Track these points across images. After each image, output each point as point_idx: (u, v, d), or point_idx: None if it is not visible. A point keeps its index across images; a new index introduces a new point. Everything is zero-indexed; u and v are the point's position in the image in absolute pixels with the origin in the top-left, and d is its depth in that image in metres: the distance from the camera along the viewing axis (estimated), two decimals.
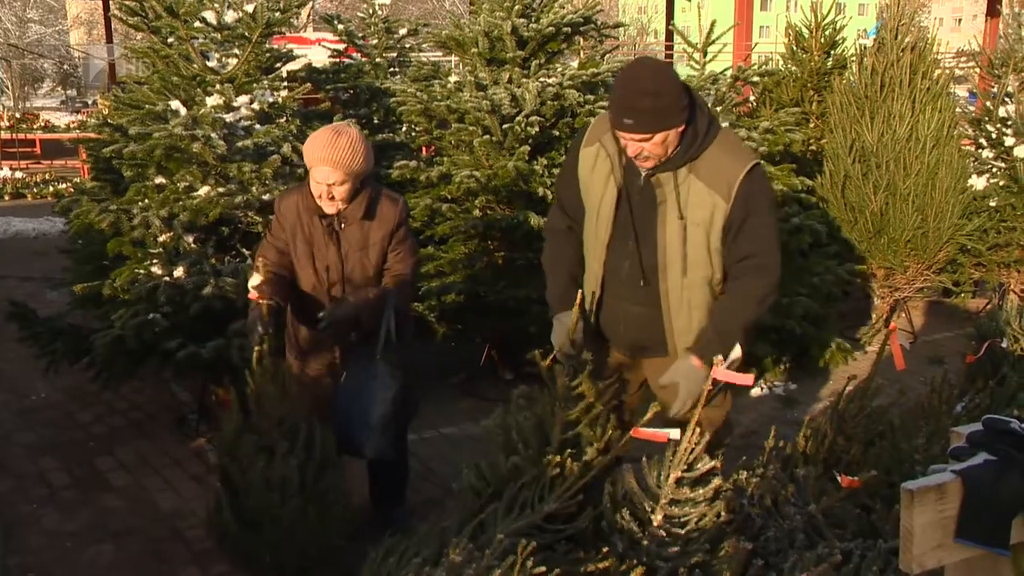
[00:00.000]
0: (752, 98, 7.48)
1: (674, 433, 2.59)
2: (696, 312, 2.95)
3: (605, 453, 2.59)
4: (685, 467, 2.60)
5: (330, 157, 3.18)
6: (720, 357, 2.84)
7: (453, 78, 5.44)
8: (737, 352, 2.93)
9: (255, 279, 3.28)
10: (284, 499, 3.16)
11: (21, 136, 17.03)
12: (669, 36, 20.35)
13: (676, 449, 2.60)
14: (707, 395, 2.76)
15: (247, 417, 3.27)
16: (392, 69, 6.79)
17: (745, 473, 2.87)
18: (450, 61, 9.32)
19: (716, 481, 2.63)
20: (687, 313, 2.95)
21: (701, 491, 2.60)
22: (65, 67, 39.45)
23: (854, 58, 6.73)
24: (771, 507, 2.73)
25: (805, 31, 7.36)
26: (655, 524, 2.58)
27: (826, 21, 7.23)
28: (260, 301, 3.23)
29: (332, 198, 3.25)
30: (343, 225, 3.34)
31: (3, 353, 5.88)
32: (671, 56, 20.92)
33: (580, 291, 2.97)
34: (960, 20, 76.11)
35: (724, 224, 2.85)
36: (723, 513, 2.60)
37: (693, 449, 2.60)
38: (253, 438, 3.20)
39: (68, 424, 4.95)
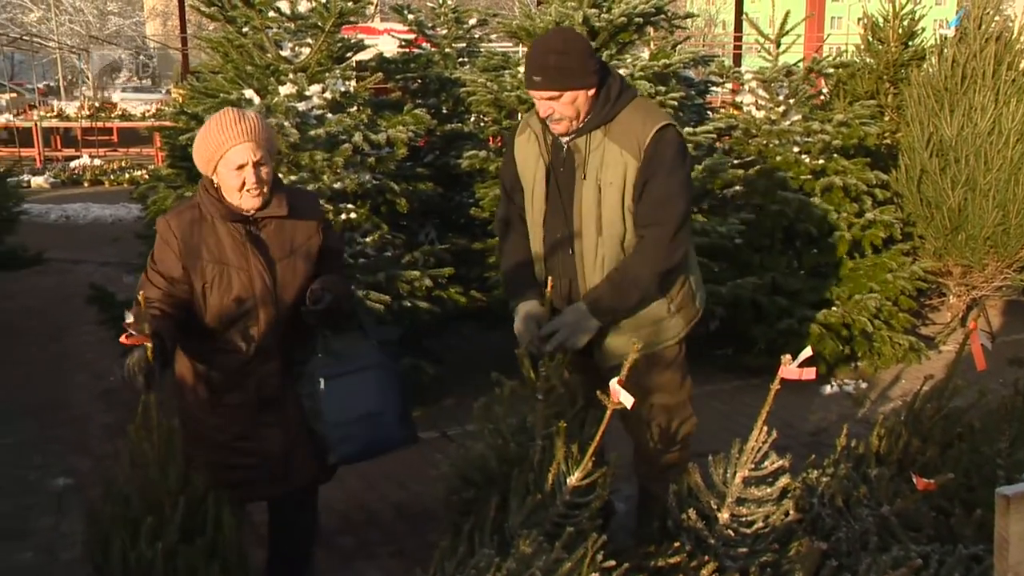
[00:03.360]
0: (825, 90, 7.33)
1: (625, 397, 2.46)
2: (608, 270, 2.98)
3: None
4: (752, 465, 2.56)
5: (245, 131, 2.64)
6: (788, 356, 2.79)
7: (523, 68, 5.42)
8: (804, 352, 2.84)
9: (129, 317, 2.50)
10: None
11: (99, 124, 17.49)
12: (738, 27, 20.05)
13: (743, 447, 2.56)
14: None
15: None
16: (461, 59, 6.79)
17: (815, 472, 2.82)
18: (518, 51, 9.30)
19: (784, 480, 2.59)
20: (600, 272, 2.99)
21: (768, 489, 2.56)
22: (141, 57, 40.42)
23: (933, 49, 6.54)
24: (842, 507, 2.68)
25: (881, 21, 7.18)
26: (721, 522, 2.55)
27: (904, 11, 7.04)
28: (140, 343, 2.46)
29: (261, 181, 2.67)
30: (262, 227, 2.76)
31: (83, 336, 6.06)
32: (739, 48, 20.61)
33: (547, 281, 3.00)
34: None
35: (635, 183, 2.91)
36: (791, 512, 2.56)
37: (760, 447, 2.56)
38: (116, 510, 2.45)
39: None
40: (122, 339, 2.45)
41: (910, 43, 7.11)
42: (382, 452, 3.02)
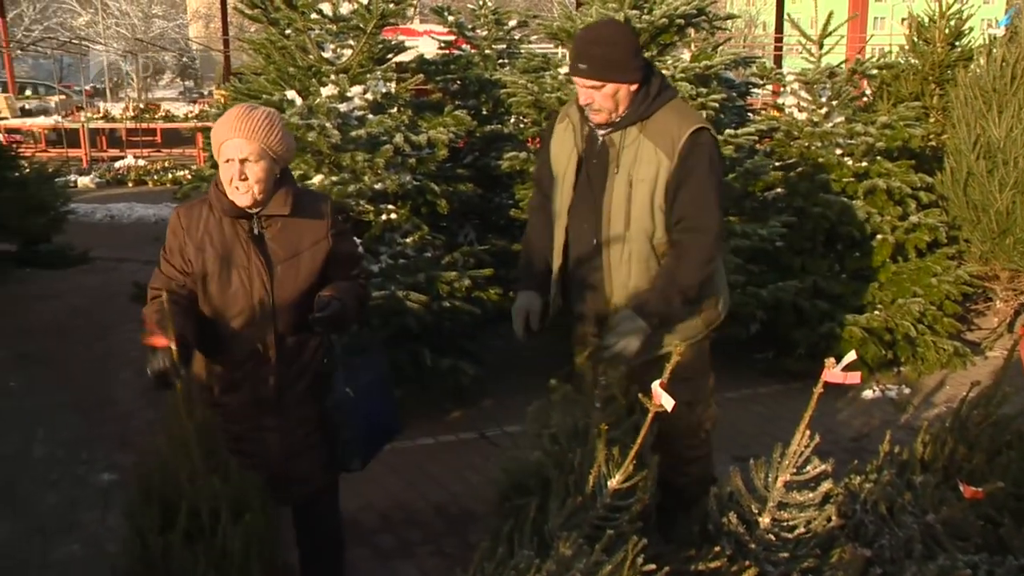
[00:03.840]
0: (868, 92, 7.24)
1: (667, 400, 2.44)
2: (636, 267, 2.99)
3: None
4: (794, 470, 2.54)
5: (242, 127, 2.61)
6: (832, 360, 2.75)
7: (564, 69, 5.42)
8: (848, 356, 2.81)
9: (151, 316, 2.56)
10: None
11: (144, 125, 17.75)
12: (779, 28, 19.87)
13: (785, 450, 2.54)
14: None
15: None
16: (501, 60, 6.81)
17: (858, 478, 2.78)
18: (556, 53, 9.29)
19: (826, 485, 2.56)
20: (627, 267, 3.00)
21: (811, 494, 2.53)
22: (184, 59, 41.02)
23: (981, 49, 6.43)
24: (886, 514, 2.64)
25: (927, 21, 7.07)
26: (763, 527, 2.53)
27: (951, 11, 6.92)
28: (164, 344, 2.47)
29: (245, 178, 2.61)
30: (266, 226, 2.72)
31: (127, 333, 6.15)
32: (780, 50, 20.42)
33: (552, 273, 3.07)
34: None
35: (667, 182, 2.92)
36: (834, 518, 2.53)
37: (803, 452, 2.53)
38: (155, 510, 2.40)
39: None
40: (148, 340, 2.48)
41: (957, 43, 6.99)
42: (382, 447, 3.08)
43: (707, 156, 2.93)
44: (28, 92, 24.34)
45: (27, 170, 8.70)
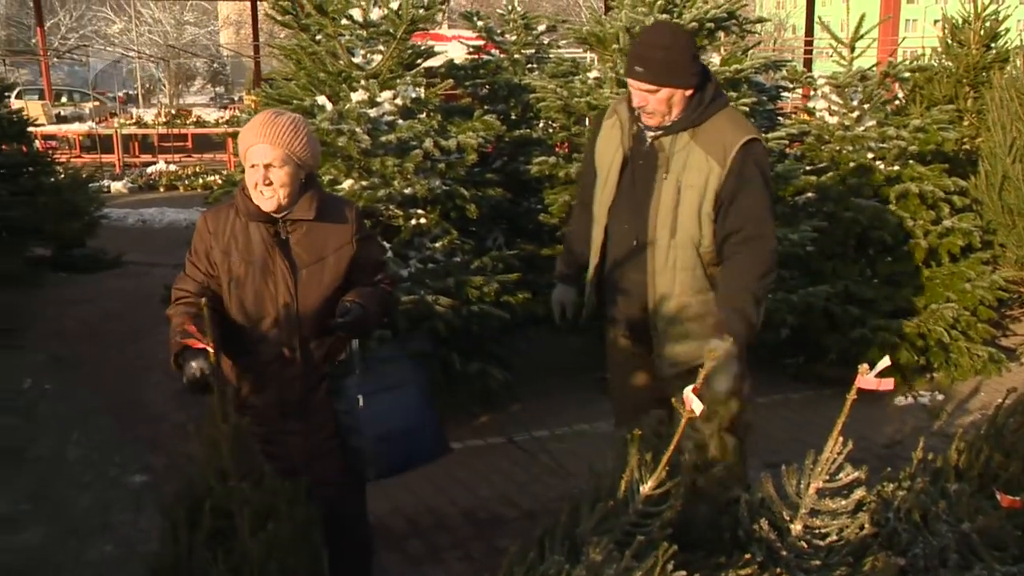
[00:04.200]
0: (900, 95, 7.16)
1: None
2: (680, 275, 2.97)
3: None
4: (826, 476, 2.52)
5: (267, 133, 2.65)
6: (865, 366, 2.72)
7: (593, 74, 5.42)
8: (882, 362, 2.79)
9: (181, 320, 2.64)
10: None
11: (175, 131, 17.96)
12: (808, 31, 19.75)
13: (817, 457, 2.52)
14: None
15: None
16: (530, 65, 6.81)
17: (891, 485, 2.75)
18: (585, 57, 9.29)
19: (859, 492, 2.53)
20: (671, 275, 2.97)
21: (843, 502, 2.51)
22: (215, 65, 41.48)
23: (1018, 51, 6.35)
24: (919, 522, 2.61)
25: (962, 23, 6.98)
26: (794, 534, 2.51)
27: (987, 12, 6.84)
28: (201, 347, 2.53)
29: (269, 183, 2.65)
30: (291, 231, 2.75)
31: (159, 337, 6.21)
32: (810, 53, 20.28)
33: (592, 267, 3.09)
34: None
35: (717, 190, 2.89)
36: (867, 526, 2.50)
37: (835, 459, 2.51)
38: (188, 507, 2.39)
39: None
40: (186, 341, 2.52)
41: (992, 45, 6.91)
42: (417, 466, 3.02)
43: (761, 168, 2.93)
44: (64, 99, 24.72)
45: (62, 176, 8.85)
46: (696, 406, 2.33)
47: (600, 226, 3.12)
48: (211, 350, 2.51)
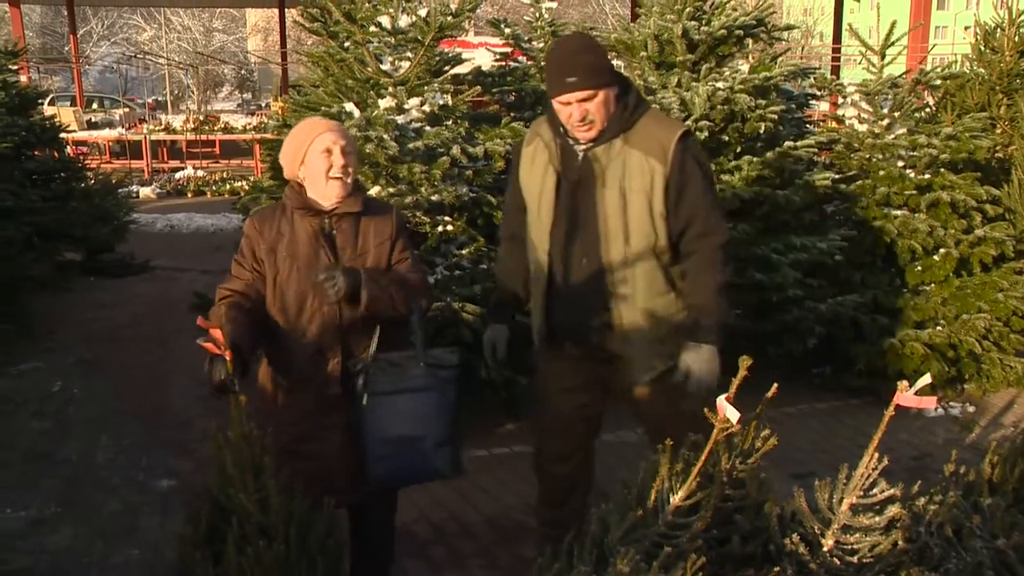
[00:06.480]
0: (931, 102, 7.08)
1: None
2: (640, 281, 2.92)
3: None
4: (860, 492, 2.48)
5: (332, 126, 2.85)
6: (905, 383, 2.66)
7: None
8: (923, 379, 2.74)
9: (212, 322, 2.65)
10: None
11: (203, 137, 18.12)
12: (836, 38, 19.60)
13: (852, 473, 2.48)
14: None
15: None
16: None
17: (923, 499, 2.71)
18: (613, 64, 9.26)
19: (893, 509, 2.49)
20: (631, 283, 2.93)
21: (877, 519, 2.47)
22: (242, 72, 41.85)
23: None
24: (952, 538, 2.56)
25: (995, 29, 6.89)
26: (826, 549, 2.47)
27: (1021, 18, 6.73)
28: (218, 353, 2.57)
29: (344, 165, 2.80)
30: (336, 225, 2.83)
31: (185, 341, 6.26)
32: (838, 60, 20.12)
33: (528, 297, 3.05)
34: None
35: (664, 187, 2.86)
36: (900, 542, 2.46)
37: (870, 475, 2.47)
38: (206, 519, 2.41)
39: None
40: (204, 345, 2.56)
41: None
42: (415, 480, 2.98)
43: (699, 160, 2.93)
44: (95, 105, 25.02)
45: (92, 181, 8.95)
46: (732, 414, 2.30)
47: (543, 252, 3.03)
48: (228, 358, 2.56)
